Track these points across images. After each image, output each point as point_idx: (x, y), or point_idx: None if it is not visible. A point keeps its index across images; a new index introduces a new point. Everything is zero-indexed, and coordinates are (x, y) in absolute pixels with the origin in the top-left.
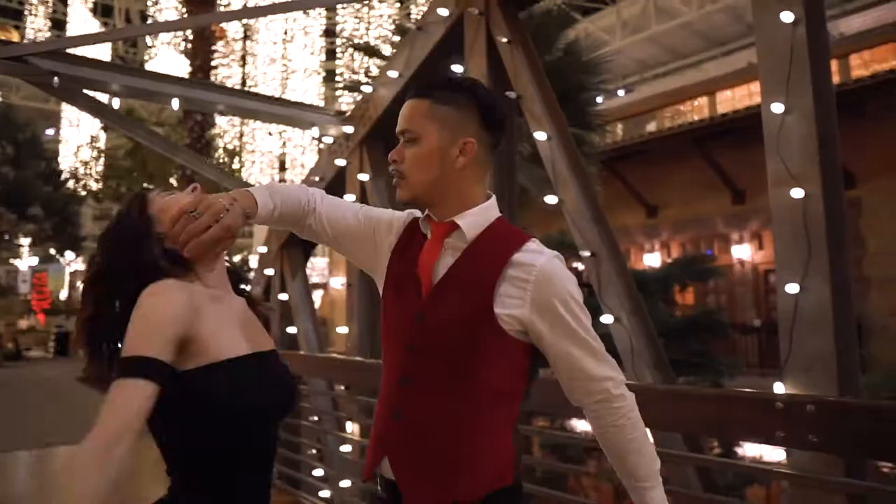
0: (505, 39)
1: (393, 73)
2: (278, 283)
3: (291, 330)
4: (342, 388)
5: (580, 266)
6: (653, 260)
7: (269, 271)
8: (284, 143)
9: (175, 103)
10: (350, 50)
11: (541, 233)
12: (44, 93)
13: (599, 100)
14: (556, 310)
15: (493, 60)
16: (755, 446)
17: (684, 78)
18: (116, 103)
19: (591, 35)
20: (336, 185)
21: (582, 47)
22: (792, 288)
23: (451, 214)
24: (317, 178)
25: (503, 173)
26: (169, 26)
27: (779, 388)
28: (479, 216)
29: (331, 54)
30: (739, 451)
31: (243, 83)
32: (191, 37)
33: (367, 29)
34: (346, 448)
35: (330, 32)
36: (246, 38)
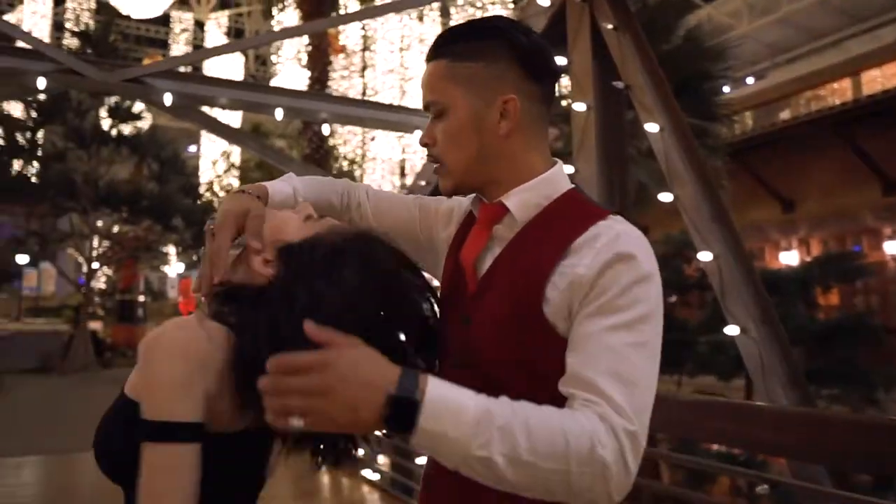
0: (611, 26)
1: None
2: None
3: None
4: None
5: None
6: (790, 258)
7: None
8: (403, 149)
9: (279, 113)
10: None
11: (661, 232)
12: None
13: (726, 89)
14: (598, 303)
15: (598, 49)
16: None
17: (822, 59)
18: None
19: (714, 20)
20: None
21: (704, 33)
22: None
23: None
24: (423, 183)
25: (612, 166)
26: (262, 39)
27: None
28: (532, 193)
29: None
30: None
31: (363, 93)
32: (309, 50)
33: None
34: None
35: None
36: (365, 49)
